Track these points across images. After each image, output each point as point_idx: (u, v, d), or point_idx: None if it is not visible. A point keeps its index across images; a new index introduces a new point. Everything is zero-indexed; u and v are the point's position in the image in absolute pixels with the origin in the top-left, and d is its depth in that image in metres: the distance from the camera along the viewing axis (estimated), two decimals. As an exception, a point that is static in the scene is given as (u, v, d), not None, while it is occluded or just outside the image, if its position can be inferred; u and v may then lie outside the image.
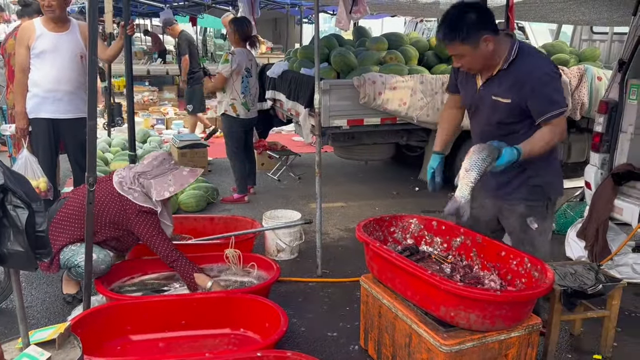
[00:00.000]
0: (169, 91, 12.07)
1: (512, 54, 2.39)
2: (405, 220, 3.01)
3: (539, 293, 2.19)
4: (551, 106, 2.36)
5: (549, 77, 2.36)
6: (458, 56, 2.39)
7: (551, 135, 2.39)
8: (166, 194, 3.05)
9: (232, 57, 4.99)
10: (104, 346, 2.62)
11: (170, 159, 3.21)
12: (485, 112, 2.55)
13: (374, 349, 2.75)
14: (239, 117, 5.15)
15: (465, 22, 2.29)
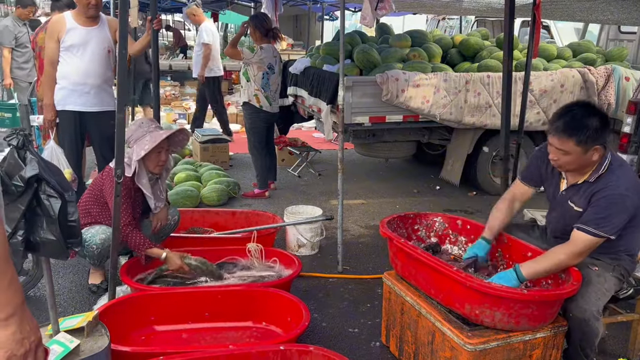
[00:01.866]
0: (191, 86, 12.15)
1: (602, 169, 2.35)
2: (430, 218, 3.00)
3: (566, 293, 2.17)
4: (594, 223, 2.26)
5: (618, 199, 2.28)
6: (562, 152, 2.32)
7: (564, 257, 2.29)
8: (142, 152, 2.98)
9: (260, 51, 4.98)
10: (129, 335, 2.66)
11: (151, 123, 3.15)
12: (560, 214, 2.53)
13: (396, 346, 2.75)
14: (262, 108, 5.12)
15: (588, 125, 2.26)
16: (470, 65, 5.74)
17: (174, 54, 14.31)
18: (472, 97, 5.22)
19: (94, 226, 3.11)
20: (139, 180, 3.07)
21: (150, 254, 3.07)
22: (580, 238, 2.28)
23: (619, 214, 2.27)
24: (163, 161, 3.14)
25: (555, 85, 5.43)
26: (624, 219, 2.29)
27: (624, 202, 2.28)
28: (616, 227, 2.28)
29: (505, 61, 3.87)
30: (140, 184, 3.08)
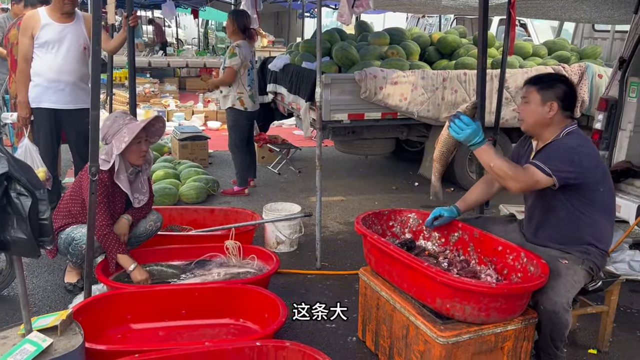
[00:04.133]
0: (170, 83, 12.07)
1: (562, 133, 2.54)
2: (404, 214, 3.04)
3: (534, 286, 2.22)
4: (543, 161, 2.43)
5: (568, 147, 2.45)
6: (525, 101, 2.58)
7: (512, 174, 2.41)
8: (122, 145, 2.96)
9: (239, 49, 4.97)
10: (105, 334, 2.65)
11: (125, 116, 3.12)
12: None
13: (372, 340, 2.78)
14: (247, 110, 5.13)
15: (553, 82, 2.57)
16: (448, 62, 5.81)
17: (154, 51, 14.17)
18: (450, 95, 5.29)
19: (83, 226, 3.07)
20: (118, 176, 3.05)
21: (120, 260, 3.03)
22: (529, 171, 2.43)
23: (565, 162, 2.41)
24: (144, 151, 3.12)
25: (531, 83, 5.51)
26: (570, 171, 2.40)
27: (571, 154, 2.43)
28: (560, 171, 2.39)
29: (479, 59, 3.93)
30: (118, 180, 3.05)
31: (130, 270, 3.02)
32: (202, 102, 10.23)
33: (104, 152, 3.04)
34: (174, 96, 10.92)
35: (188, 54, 14.07)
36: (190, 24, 22.66)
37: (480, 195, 2.89)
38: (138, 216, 3.26)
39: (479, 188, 2.90)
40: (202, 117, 9.17)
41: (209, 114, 9.33)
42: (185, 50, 15.36)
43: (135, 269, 3.03)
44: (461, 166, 5.74)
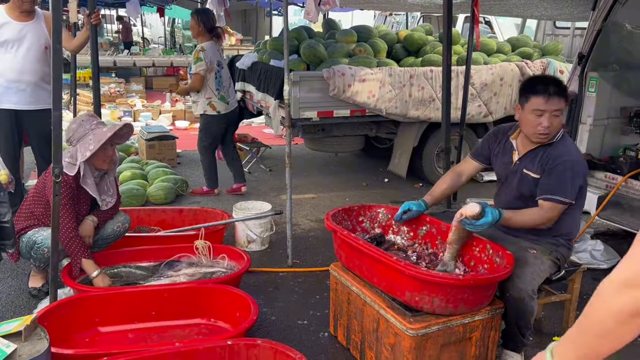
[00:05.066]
0: (137, 83, 11.87)
1: (557, 137, 2.57)
2: (374, 209, 3.06)
3: (499, 277, 2.28)
4: (559, 191, 2.48)
5: (572, 165, 2.50)
6: (557, 113, 2.51)
7: (538, 218, 2.51)
8: (87, 153, 2.90)
9: (204, 54, 4.82)
10: (72, 338, 2.60)
11: (92, 120, 3.04)
12: (516, 185, 2.68)
13: (343, 335, 2.81)
14: (220, 113, 4.99)
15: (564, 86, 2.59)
16: (415, 60, 5.88)
17: (119, 50, 13.90)
18: (417, 91, 5.35)
19: (46, 228, 3.00)
20: (84, 181, 2.99)
21: (84, 265, 2.97)
22: (552, 207, 2.49)
23: (575, 179, 2.50)
24: (110, 157, 3.06)
25: (495, 79, 5.64)
26: (579, 184, 2.53)
27: (578, 168, 2.52)
28: (575, 192, 2.52)
29: (444, 56, 3.99)
30: (85, 184, 2.99)
31: (93, 276, 2.95)
32: (170, 101, 10.10)
33: (69, 155, 2.98)
34: (140, 96, 10.75)
35: (154, 53, 13.85)
36: (157, 23, 22.33)
37: (447, 189, 2.95)
38: (104, 217, 3.21)
39: (446, 181, 2.95)
40: (169, 116, 9.05)
41: (177, 114, 9.22)
42: (152, 49, 15.12)
43: (99, 275, 2.96)
44: (429, 162, 5.82)
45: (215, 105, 4.96)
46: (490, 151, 2.85)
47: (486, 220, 2.36)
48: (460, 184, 2.96)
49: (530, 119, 2.53)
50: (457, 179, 2.94)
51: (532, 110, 2.52)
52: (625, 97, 4.10)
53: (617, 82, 4.06)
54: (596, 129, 4.07)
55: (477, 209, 2.36)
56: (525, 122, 2.58)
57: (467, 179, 2.97)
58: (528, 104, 2.53)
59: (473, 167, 2.94)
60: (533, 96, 2.51)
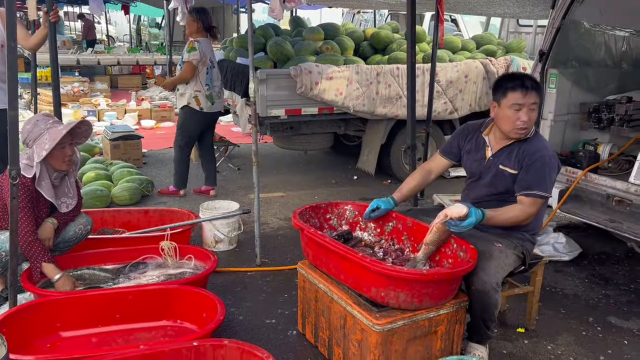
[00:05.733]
0: (101, 82, 11.62)
1: (530, 133, 2.63)
2: (341, 207, 3.07)
3: (463, 271, 2.31)
4: (538, 186, 2.54)
5: (549, 161, 2.57)
6: (533, 107, 2.55)
7: (520, 214, 2.56)
8: (43, 153, 2.81)
9: (199, 44, 4.69)
10: (32, 344, 2.53)
11: (47, 119, 2.95)
12: (489, 180, 2.70)
13: (311, 333, 2.81)
14: (202, 110, 4.84)
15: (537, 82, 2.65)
16: (382, 57, 5.92)
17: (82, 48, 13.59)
18: (384, 89, 5.39)
19: (4, 232, 2.90)
20: (39, 183, 2.89)
21: (44, 269, 2.88)
22: (533, 202, 2.54)
23: (552, 173, 2.58)
24: (69, 156, 2.96)
25: (460, 76, 5.73)
26: (555, 178, 2.62)
27: (553, 162, 2.59)
28: (552, 186, 2.61)
29: (408, 53, 4.03)
30: (40, 187, 2.89)
31: (54, 280, 2.87)
32: (135, 100, 9.93)
33: (26, 156, 2.89)
34: (105, 95, 10.53)
35: (119, 51, 13.58)
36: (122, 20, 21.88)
37: (417, 186, 2.97)
38: (65, 220, 3.12)
39: (415, 178, 2.97)
40: (135, 115, 8.89)
41: (143, 113, 9.07)
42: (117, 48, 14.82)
43: (61, 279, 2.88)
44: (397, 159, 5.87)
45: (201, 101, 4.81)
46: (460, 148, 2.87)
47: (470, 221, 2.38)
48: (429, 181, 2.99)
49: (508, 114, 2.56)
50: (426, 176, 2.97)
51: (510, 106, 2.55)
52: (584, 93, 4.21)
53: (576, 78, 4.16)
54: (557, 125, 4.17)
55: (465, 210, 2.37)
56: (503, 118, 2.59)
57: (436, 176, 3.00)
58: (505, 99, 2.56)
59: (442, 165, 2.97)
60: (510, 91, 2.54)
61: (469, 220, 2.38)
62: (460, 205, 2.41)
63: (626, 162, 3.87)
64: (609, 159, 3.89)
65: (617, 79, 4.36)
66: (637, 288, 3.64)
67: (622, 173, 3.81)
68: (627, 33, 4.37)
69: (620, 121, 3.89)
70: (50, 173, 2.95)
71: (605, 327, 3.12)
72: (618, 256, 4.14)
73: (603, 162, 3.89)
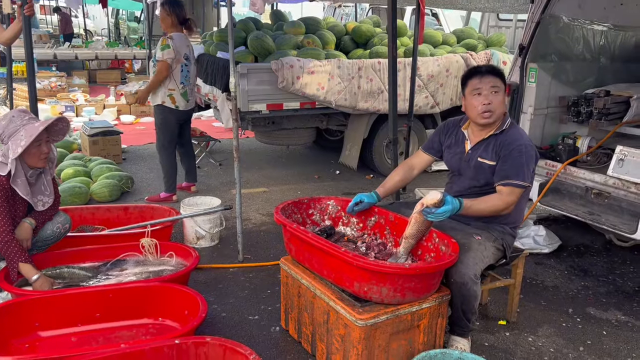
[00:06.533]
0: (79, 77, 11.43)
1: (505, 124, 2.67)
2: (323, 202, 3.06)
3: (445, 265, 2.32)
4: (516, 175, 2.57)
5: (526, 150, 2.59)
6: (494, 90, 2.60)
7: (499, 203, 2.57)
8: (19, 149, 2.74)
9: (172, 41, 4.52)
10: (10, 344, 2.48)
11: (23, 115, 2.87)
12: (470, 174, 2.73)
13: (295, 328, 2.80)
14: (178, 108, 4.69)
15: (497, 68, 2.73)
16: (363, 52, 5.92)
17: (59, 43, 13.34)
18: (365, 83, 5.39)
19: None
20: (14, 180, 2.82)
21: (21, 269, 2.82)
22: (511, 191, 2.57)
23: (530, 162, 2.60)
24: (45, 153, 2.89)
25: (442, 70, 5.75)
26: (533, 167, 2.63)
27: (531, 152, 2.61)
28: (530, 175, 2.61)
29: (389, 47, 4.02)
30: (15, 185, 2.82)
31: (32, 280, 2.81)
32: (114, 95, 9.78)
33: (1, 153, 2.82)
34: (83, 90, 10.36)
35: (98, 46, 13.35)
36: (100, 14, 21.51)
37: (400, 181, 2.98)
38: (42, 219, 3.06)
39: (398, 173, 2.98)
40: (114, 111, 8.76)
41: (122, 108, 8.94)
42: (95, 42, 14.56)
43: (39, 279, 2.82)
44: (379, 154, 5.88)
45: (176, 99, 4.66)
46: (442, 144, 2.91)
47: (447, 208, 2.39)
48: (412, 176, 3.01)
49: (471, 101, 2.65)
50: (409, 172, 2.99)
51: (470, 92, 2.65)
52: (564, 87, 4.25)
53: (555, 72, 4.20)
54: (537, 118, 4.21)
55: (438, 196, 2.38)
56: (468, 107, 2.68)
57: (418, 172, 3.02)
58: (467, 88, 2.68)
59: (425, 160, 3.00)
60: (469, 80, 2.67)
61: (445, 207, 2.39)
62: (434, 192, 2.43)
63: (604, 155, 3.93)
64: (587, 152, 3.94)
65: (596, 73, 4.41)
66: (615, 279, 3.70)
67: (601, 166, 3.86)
68: (605, 27, 4.41)
69: (599, 115, 3.93)
70: (25, 170, 2.88)
71: (584, 318, 3.17)
72: (597, 248, 4.21)
73: (582, 155, 3.94)
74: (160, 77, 4.57)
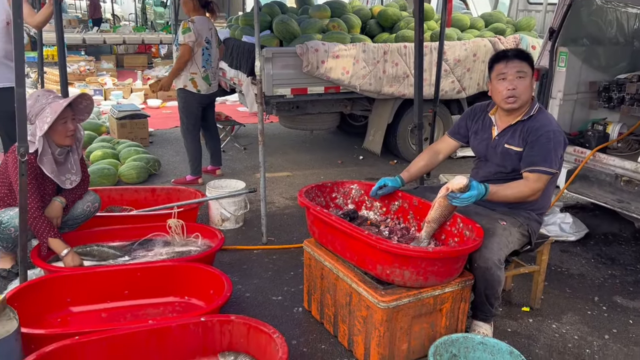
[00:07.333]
0: (107, 61, 11.60)
1: (533, 110, 2.62)
2: (347, 186, 3.07)
3: (468, 249, 2.31)
4: (543, 161, 2.52)
5: (554, 136, 2.54)
6: (520, 75, 2.56)
7: (526, 189, 2.54)
8: (45, 126, 2.83)
9: (193, 25, 4.57)
10: (44, 319, 2.58)
11: (48, 94, 2.96)
12: (496, 160, 2.70)
13: (317, 310, 2.83)
14: (200, 92, 4.76)
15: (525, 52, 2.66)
16: (389, 36, 5.86)
17: (88, 27, 13.52)
18: (390, 68, 5.34)
19: (12, 208, 2.94)
20: (41, 158, 2.89)
21: (51, 244, 2.91)
22: (538, 178, 2.53)
23: (558, 148, 2.55)
24: (72, 131, 2.97)
25: (469, 55, 5.66)
26: (562, 153, 2.59)
27: (559, 137, 2.56)
28: (559, 161, 2.57)
29: (416, 31, 3.97)
30: (41, 162, 2.90)
31: (62, 255, 2.91)
32: (141, 79, 9.91)
33: (30, 133, 2.90)
34: (111, 74, 10.51)
35: (125, 30, 13.49)
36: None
37: (424, 166, 2.97)
38: (72, 197, 3.15)
39: (423, 158, 2.97)
40: (141, 95, 8.89)
41: (149, 92, 9.05)
42: (122, 27, 14.72)
43: (68, 254, 2.91)
44: (403, 139, 5.85)
45: (198, 83, 4.72)
46: (468, 129, 2.88)
47: (472, 194, 2.37)
48: (437, 161, 2.99)
49: (496, 86, 2.61)
50: (434, 157, 2.97)
51: (495, 77, 2.61)
52: (594, 72, 4.15)
53: (586, 56, 4.10)
54: (566, 104, 4.13)
55: (464, 181, 2.36)
56: (494, 92, 2.65)
57: (444, 157, 3.00)
58: (493, 72, 2.64)
59: (450, 146, 2.97)
60: (495, 64, 2.62)
61: (470, 193, 2.37)
62: (460, 177, 2.41)
63: (636, 142, 3.84)
64: (618, 139, 3.85)
65: (629, 57, 4.29)
66: (643, 268, 3.64)
67: (632, 153, 3.78)
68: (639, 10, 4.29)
69: (631, 100, 3.84)
70: (53, 149, 2.96)
71: (610, 307, 3.13)
72: (625, 236, 4.13)
73: (612, 141, 3.85)
74: (183, 60, 4.63)
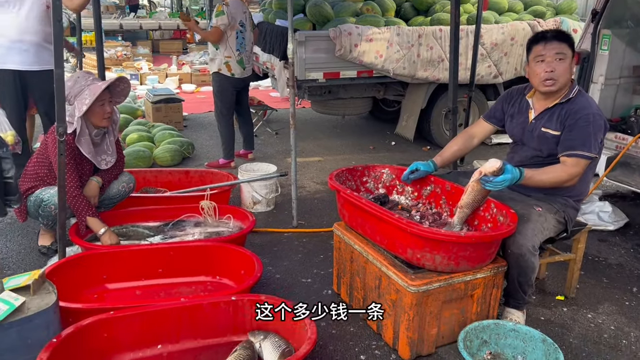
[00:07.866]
0: (143, 46, 11.78)
1: (572, 92, 2.54)
2: (378, 170, 3.05)
3: (501, 235, 2.27)
4: (582, 145, 2.44)
5: (594, 119, 2.45)
6: (560, 57, 2.47)
7: (563, 174, 2.46)
8: (83, 107, 2.90)
9: (226, 8, 4.61)
10: (81, 294, 2.66)
11: (88, 76, 3.03)
12: (533, 144, 2.64)
13: (346, 292, 2.84)
14: (234, 76, 4.79)
15: (565, 32, 2.57)
16: (424, 19, 5.76)
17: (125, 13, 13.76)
18: (425, 52, 5.26)
19: (53, 187, 3.03)
20: (79, 139, 2.98)
21: (89, 223, 3.00)
22: (576, 162, 2.45)
23: (597, 132, 2.46)
24: (109, 113, 3.05)
25: (506, 38, 5.52)
26: (602, 138, 2.50)
27: (600, 121, 2.48)
28: (598, 146, 2.48)
29: (452, 14, 3.89)
30: (79, 143, 2.98)
31: (100, 233, 2.99)
32: (176, 64, 10.04)
33: (68, 114, 2.97)
34: (147, 59, 10.69)
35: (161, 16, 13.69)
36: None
37: (458, 150, 2.92)
38: (108, 178, 3.23)
39: (457, 143, 2.91)
40: (176, 79, 9.01)
41: (183, 77, 9.17)
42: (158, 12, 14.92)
43: (106, 232, 3.00)
44: (437, 125, 5.76)
45: (232, 67, 4.75)
46: (504, 112, 2.81)
47: (506, 177, 2.31)
48: (471, 146, 2.92)
49: (534, 68, 2.54)
50: (469, 141, 2.91)
51: (534, 59, 2.54)
52: (639, 55, 3.99)
53: (631, 39, 3.94)
54: (608, 89, 3.99)
55: (498, 164, 2.30)
56: (531, 74, 2.58)
57: (478, 142, 2.93)
58: (531, 54, 2.56)
59: (486, 130, 2.90)
60: (533, 46, 2.55)
61: (504, 176, 2.31)
62: (493, 160, 2.35)
63: (681, 129, 3.69)
64: (662, 125, 3.70)
65: (676, 41, 4.11)
66: (686, 260, 3.51)
67: (676, 140, 3.63)
68: (689, -9, 4.09)
69: (677, 85, 3.68)
70: (90, 130, 3.04)
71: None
72: (667, 227, 3.99)
73: (656, 128, 3.71)
74: (209, 38, 4.69)
